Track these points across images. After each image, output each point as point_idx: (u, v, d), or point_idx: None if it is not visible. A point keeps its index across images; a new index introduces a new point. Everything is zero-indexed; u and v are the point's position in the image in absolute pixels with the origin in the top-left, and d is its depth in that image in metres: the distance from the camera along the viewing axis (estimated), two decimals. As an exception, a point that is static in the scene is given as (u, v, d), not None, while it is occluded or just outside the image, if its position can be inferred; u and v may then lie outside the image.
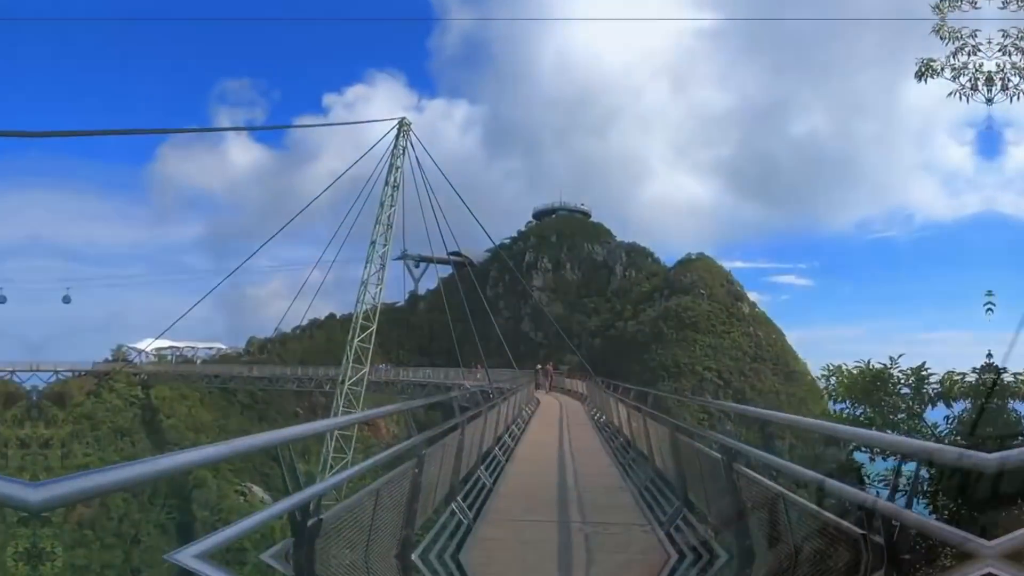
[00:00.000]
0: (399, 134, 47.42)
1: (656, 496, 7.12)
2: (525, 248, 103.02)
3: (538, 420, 17.48)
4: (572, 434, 13.93)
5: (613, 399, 12.57)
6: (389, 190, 47.28)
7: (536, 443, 12.32)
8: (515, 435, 13.25)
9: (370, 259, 46.96)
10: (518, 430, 14.06)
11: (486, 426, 8.85)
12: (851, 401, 6.56)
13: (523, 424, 15.61)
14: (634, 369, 76.63)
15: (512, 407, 14.05)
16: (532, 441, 12.74)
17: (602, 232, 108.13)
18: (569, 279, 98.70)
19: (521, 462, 9.93)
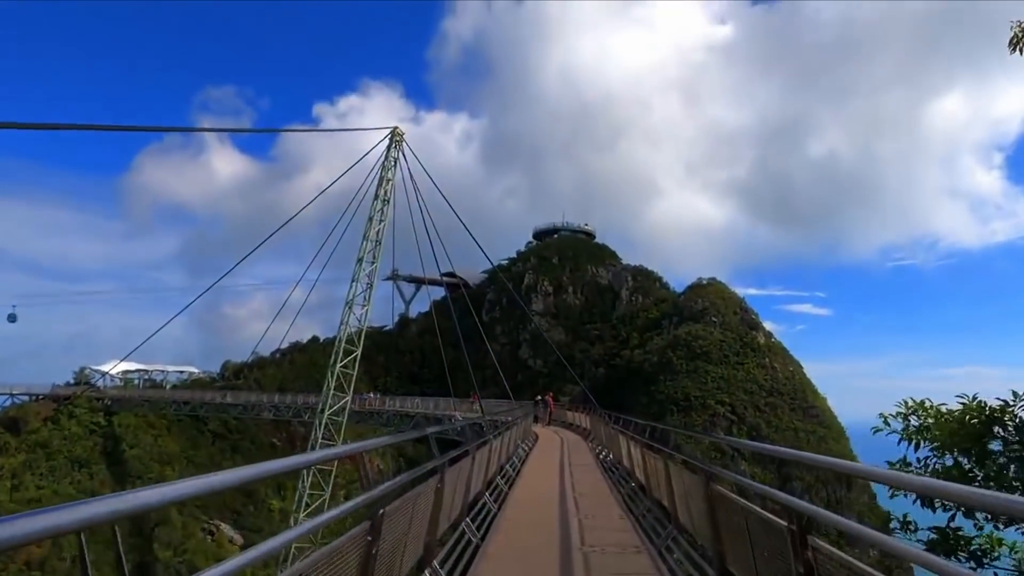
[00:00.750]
0: (391, 144, 46.89)
1: (682, 562, 6.10)
2: (524, 270, 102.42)
3: (536, 458, 16.37)
4: (575, 476, 12.85)
5: (624, 436, 11.54)
6: (379, 204, 46.56)
7: (534, 487, 11.24)
8: (509, 476, 12.19)
9: (356, 278, 46.00)
10: (513, 470, 12.99)
11: (474, 467, 7.85)
12: (950, 449, 5.43)
13: (519, 463, 14.54)
14: (640, 401, 75.34)
15: (507, 443, 13.00)
16: (529, 484, 11.66)
17: (607, 254, 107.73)
18: (571, 303, 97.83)
19: (516, 511, 8.87)
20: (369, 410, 54.48)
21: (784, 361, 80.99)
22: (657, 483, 8.13)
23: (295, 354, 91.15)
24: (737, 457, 69.39)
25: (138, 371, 75.38)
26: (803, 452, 3.49)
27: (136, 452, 65.01)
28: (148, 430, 68.00)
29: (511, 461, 13.74)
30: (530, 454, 17.24)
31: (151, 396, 67.38)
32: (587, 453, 18.33)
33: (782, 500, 3.51)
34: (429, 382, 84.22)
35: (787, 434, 73.46)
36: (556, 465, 14.57)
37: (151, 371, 77.41)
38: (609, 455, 16.52)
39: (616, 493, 10.83)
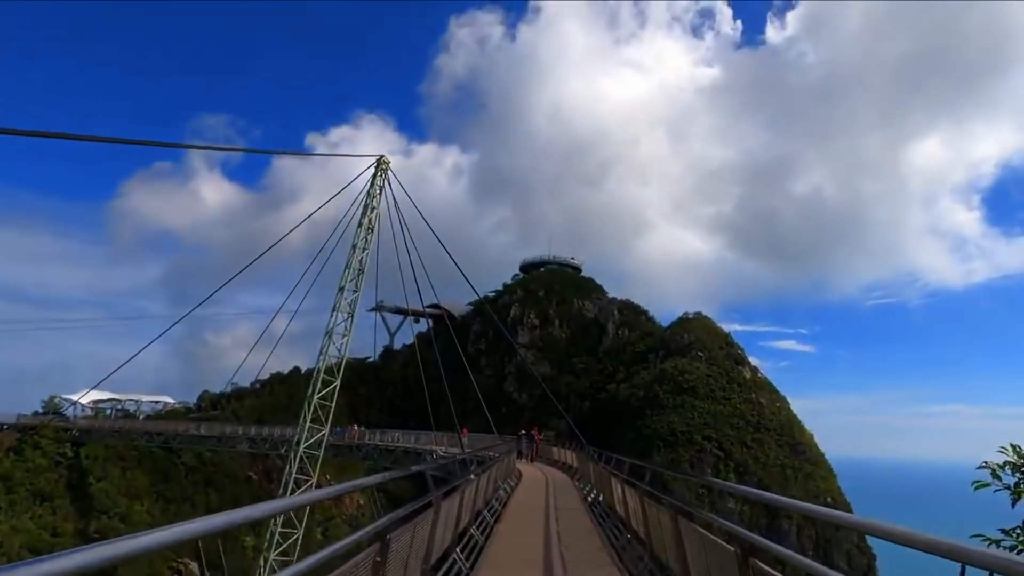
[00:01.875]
0: (376, 172, 45.84)
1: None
2: (511, 302, 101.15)
3: (519, 501, 14.78)
4: (562, 523, 11.32)
5: (617, 481, 10.09)
6: (362, 232, 45.22)
7: (515, 538, 9.71)
8: (487, 524, 10.65)
9: (337, 307, 44.32)
10: (492, 515, 11.44)
11: (439, 522, 6.40)
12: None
13: (499, 506, 12.98)
14: (627, 436, 73.50)
15: (485, 487, 11.48)
16: (509, 534, 10.13)
17: (593, 287, 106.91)
18: (557, 336, 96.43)
19: (491, 573, 7.37)
20: (348, 444, 52.16)
21: (771, 396, 79.83)
22: (661, 542, 6.71)
23: (275, 385, 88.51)
24: (725, 495, 67.60)
25: (110, 400, 72.28)
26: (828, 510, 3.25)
27: (103, 485, 61.77)
28: (117, 462, 64.82)
29: (490, 505, 12.19)
30: (512, 496, 15.64)
31: (122, 427, 64.33)
32: (574, 495, 16.73)
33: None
34: (412, 415, 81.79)
35: (774, 471, 71.82)
36: (540, 510, 13.00)
37: (124, 401, 74.32)
38: (599, 496, 14.98)
39: (610, 548, 9.37)
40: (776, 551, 3.44)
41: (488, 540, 9.24)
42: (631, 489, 8.71)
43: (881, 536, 2.49)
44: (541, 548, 8.72)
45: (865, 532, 2.75)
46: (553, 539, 9.44)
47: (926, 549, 2.16)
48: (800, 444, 75.05)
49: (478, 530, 9.53)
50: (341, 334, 44.41)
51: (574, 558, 8.25)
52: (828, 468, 76.41)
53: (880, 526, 2.51)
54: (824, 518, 3.14)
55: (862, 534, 3.66)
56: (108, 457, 64.14)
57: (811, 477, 72.67)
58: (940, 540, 2.09)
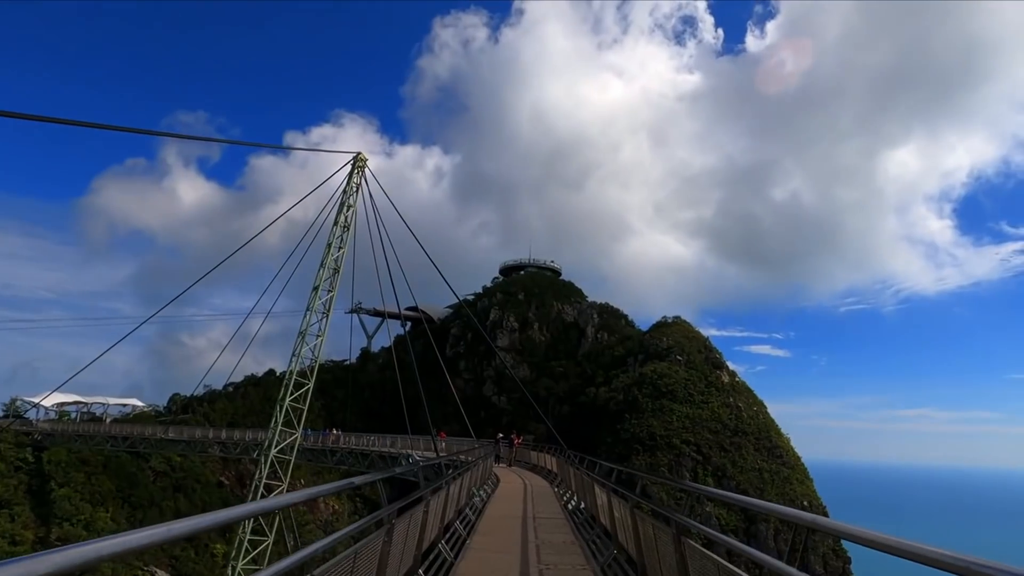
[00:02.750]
0: (353, 170, 44.48)
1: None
2: (490, 305, 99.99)
3: (495, 509, 13.68)
4: (541, 535, 10.27)
5: (603, 489, 9.09)
6: (338, 230, 43.81)
7: (489, 554, 8.63)
8: (459, 536, 9.57)
9: (311, 307, 42.81)
10: (464, 527, 10.35)
11: (393, 544, 5.33)
12: None
13: (473, 516, 11.89)
14: (606, 440, 72.72)
15: (457, 495, 10.40)
16: (483, 547, 9.05)
17: (572, 291, 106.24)
18: (536, 340, 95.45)
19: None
20: (322, 448, 50.55)
21: (748, 400, 79.64)
22: (657, 565, 5.70)
23: (249, 388, 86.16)
24: (703, 499, 67.04)
25: (75, 403, 69.52)
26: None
27: (65, 491, 59.14)
28: (81, 467, 62.23)
29: (463, 515, 11.10)
30: (488, 503, 14.54)
31: (87, 431, 61.77)
32: (554, 502, 15.67)
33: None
34: (390, 418, 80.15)
35: (752, 475, 71.54)
36: (518, 520, 11.92)
37: (90, 403, 71.55)
38: (581, 504, 13.96)
39: (595, 564, 8.36)
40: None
41: (459, 557, 8.16)
42: (619, 499, 7.71)
43: (866, 544, 2.42)
44: (518, 566, 7.67)
45: (854, 541, 2.61)
46: (532, 557, 8.38)
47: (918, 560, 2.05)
48: (777, 448, 74.91)
49: (447, 544, 8.44)
50: (315, 335, 42.92)
51: (551, 565, 7.26)
52: (804, 472, 76.37)
53: (865, 534, 2.44)
54: (811, 526, 3.16)
55: (838, 537, 3.49)
56: (71, 462, 61.55)
57: (788, 481, 72.51)
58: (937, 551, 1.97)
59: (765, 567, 3.32)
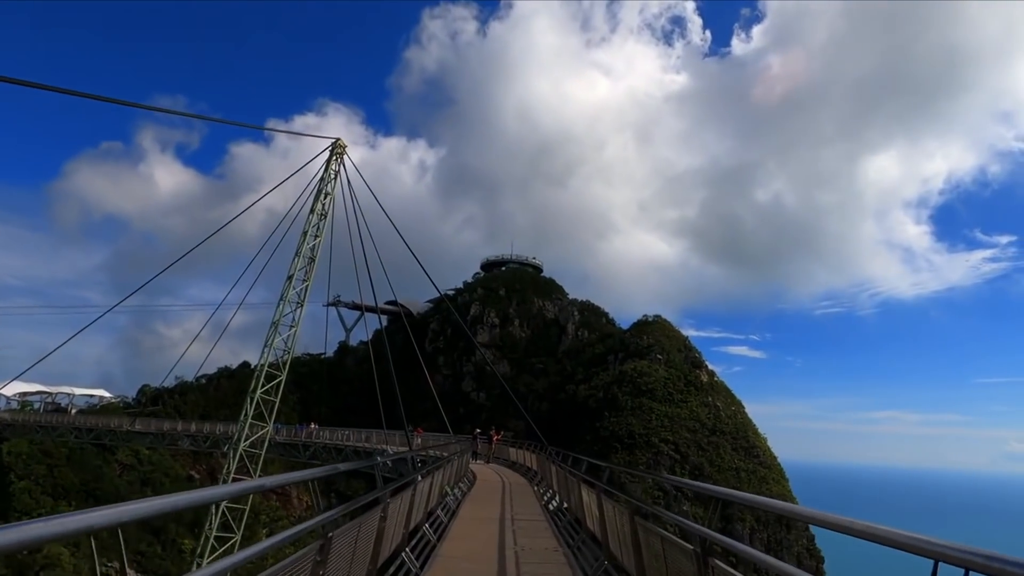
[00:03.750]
0: (331, 156, 42.97)
1: None
2: (471, 300, 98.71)
3: (469, 510, 12.56)
4: (520, 540, 9.19)
5: (592, 492, 7.98)
6: (314, 218, 42.30)
7: (460, 564, 7.51)
8: (427, 543, 8.45)
9: (284, 296, 41.22)
10: (434, 531, 9.22)
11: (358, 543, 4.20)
12: None
13: (446, 517, 10.77)
14: (584, 438, 71.91)
15: (430, 493, 9.28)
16: (454, 555, 7.94)
17: (554, 288, 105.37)
18: (517, 336, 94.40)
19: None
20: (295, 442, 49.00)
21: (727, 400, 79.47)
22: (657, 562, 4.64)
23: (222, 380, 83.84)
24: (680, 497, 66.69)
25: (38, 393, 66.81)
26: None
27: (25, 484, 56.81)
28: (43, 459, 59.82)
29: (434, 517, 9.96)
30: (463, 502, 13.42)
31: (49, 421, 59.33)
32: (534, 502, 14.59)
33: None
34: (367, 413, 78.57)
35: (729, 474, 71.31)
36: (495, 521, 10.82)
37: (55, 393, 68.84)
38: (564, 504, 12.90)
39: (576, 566, 7.31)
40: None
41: (426, 567, 7.03)
42: (612, 503, 6.64)
43: (853, 534, 2.41)
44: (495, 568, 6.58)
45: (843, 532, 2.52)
46: (510, 567, 7.28)
47: (897, 546, 2.09)
48: (754, 448, 74.81)
49: (413, 553, 7.30)
50: (289, 326, 41.37)
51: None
52: (780, 471, 76.41)
53: (852, 524, 2.46)
54: (787, 513, 3.16)
55: (811, 537, 3.28)
56: (33, 454, 59.14)
57: (764, 480, 72.41)
58: (914, 536, 2.03)
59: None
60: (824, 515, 2.76)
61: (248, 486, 3.61)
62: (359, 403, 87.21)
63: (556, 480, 13.88)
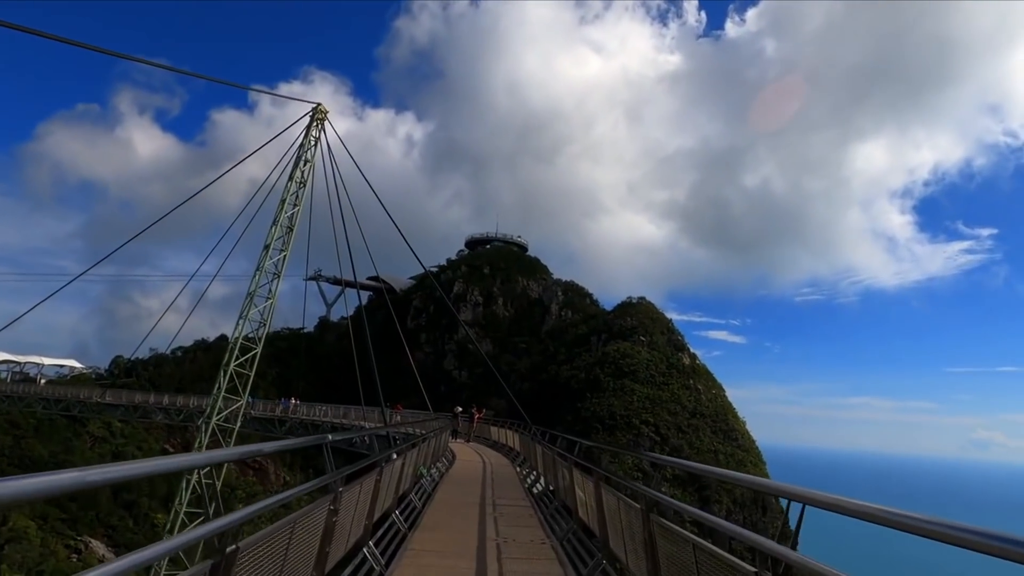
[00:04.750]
0: (312, 123, 41.09)
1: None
2: (454, 278, 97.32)
3: (446, 493, 11.51)
4: (502, 529, 8.13)
5: (588, 479, 6.89)
6: (293, 186, 40.52)
7: (434, 560, 6.41)
8: (398, 532, 7.35)
9: (261, 266, 39.57)
10: (405, 520, 8.13)
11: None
12: None
13: (420, 502, 9.70)
14: (566, 418, 71.40)
15: (401, 475, 8.16)
16: (427, 548, 6.85)
17: (538, 268, 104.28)
18: (500, 315, 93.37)
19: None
20: (271, 417, 47.71)
21: (707, 384, 79.39)
22: None
23: (199, 352, 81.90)
24: (659, 478, 66.66)
25: (5, 362, 64.52)
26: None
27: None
28: (10, 430, 57.92)
29: (406, 502, 8.86)
30: (440, 484, 12.34)
31: (15, 391, 57.25)
32: (516, 484, 13.57)
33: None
34: (347, 389, 77.32)
35: (708, 456, 71.40)
36: (475, 506, 9.75)
37: (23, 363, 66.55)
38: (549, 487, 11.89)
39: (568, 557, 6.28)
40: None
41: (393, 564, 5.91)
42: (616, 496, 5.54)
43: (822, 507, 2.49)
44: (474, 549, 5.50)
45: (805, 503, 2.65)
46: (491, 563, 6.20)
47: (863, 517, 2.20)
48: (734, 431, 75.00)
49: (378, 547, 6.18)
50: (265, 297, 39.78)
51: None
52: (758, 455, 76.78)
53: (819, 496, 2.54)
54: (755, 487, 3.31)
55: (786, 520, 2.46)
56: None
57: (743, 463, 72.64)
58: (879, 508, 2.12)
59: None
60: (796, 489, 2.71)
61: (202, 458, 3.16)
62: (339, 379, 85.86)
63: (541, 462, 12.85)
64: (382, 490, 6.47)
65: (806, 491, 2.60)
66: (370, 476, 5.78)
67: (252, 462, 78.42)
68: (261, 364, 41.89)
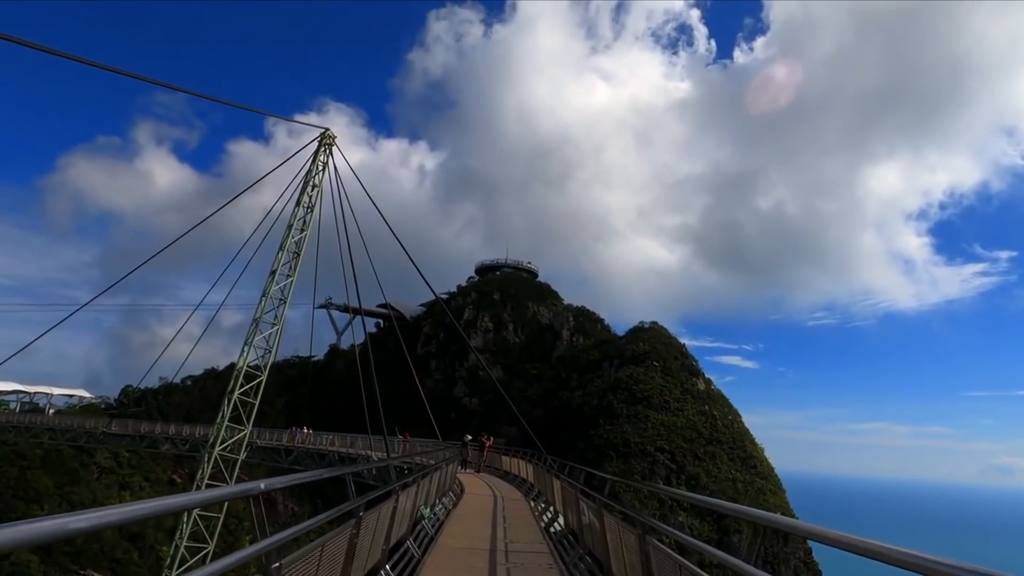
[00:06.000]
0: (319, 148, 40.40)
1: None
2: (464, 304, 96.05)
3: (454, 534, 9.98)
4: (514, 563, 6.64)
5: (631, 533, 5.40)
6: (300, 211, 39.66)
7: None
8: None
9: (267, 292, 38.47)
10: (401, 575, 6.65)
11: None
12: None
13: (420, 548, 8.22)
14: (578, 446, 69.19)
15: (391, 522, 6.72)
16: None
17: (548, 293, 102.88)
18: (511, 341, 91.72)
19: None
20: (276, 446, 46.17)
21: (723, 409, 76.97)
22: None
23: (208, 381, 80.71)
24: (676, 508, 64.01)
25: (15, 392, 63.55)
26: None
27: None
28: (16, 461, 56.61)
29: (402, 550, 7.38)
30: (446, 523, 10.81)
31: (22, 422, 56.11)
32: (532, 523, 11.99)
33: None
34: (355, 417, 75.69)
35: (726, 484, 68.72)
36: (484, 553, 8.21)
37: (32, 393, 65.56)
38: (570, 530, 10.32)
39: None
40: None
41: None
42: (672, 559, 4.08)
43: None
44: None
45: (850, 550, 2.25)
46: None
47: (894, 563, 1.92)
48: (752, 458, 72.28)
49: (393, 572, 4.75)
50: (271, 323, 38.60)
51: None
52: (777, 482, 73.89)
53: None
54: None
55: (808, 550, 2.59)
56: (4, 455, 55.92)
57: (762, 491, 69.87)
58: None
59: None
60: (821, 529, 2.48)
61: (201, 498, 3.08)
62: (348, 407, 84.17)
63: (560, 498, 11.31)
64: (368, 541, 5.05)
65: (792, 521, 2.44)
66: (387, 503, 5.91)
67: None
68: (271, 393, 40.54)
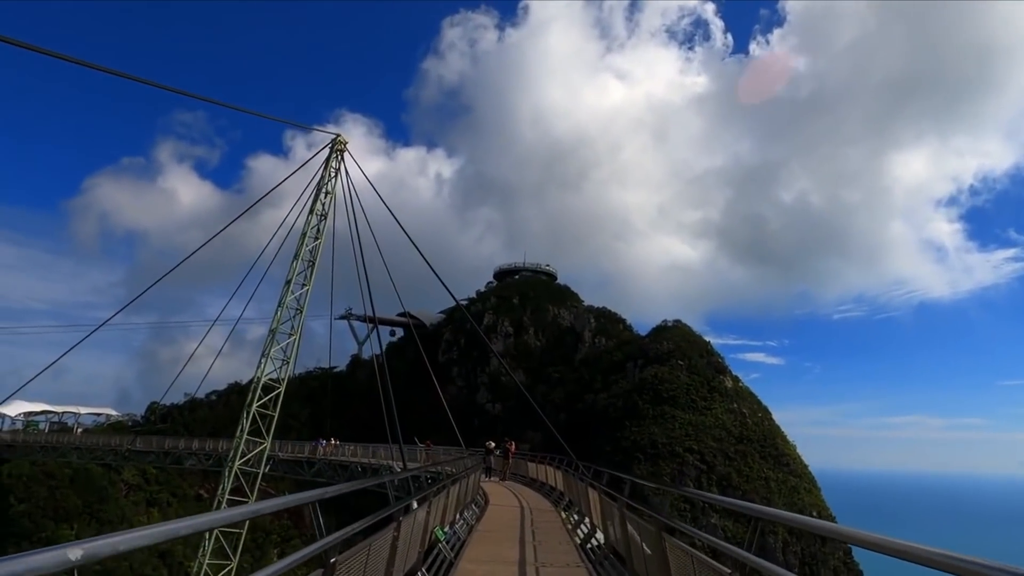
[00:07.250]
0: (331, 154, 39.51)
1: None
2: (484, 310, 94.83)
3: (476, 555, 8.63)
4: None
5: (693, 563, 4.08)
6: (314, 219, 38.75)
7: None
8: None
9: (283, 303, 37.60)
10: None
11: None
12: None
13: (439, 572, 6.86)
14: (604, 449, 67.34)
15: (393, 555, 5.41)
16: None
17: (568, 295, 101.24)
18: (532, 345, 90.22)
19: None
20: (299, 459, 45.27)
21: (752, 407, 74.56)
22: None
23: (232, 396, 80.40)
24: (708, 510, 61.82)
25: (44, 412, 63.68)
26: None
27: (26, 507, 53.48)
28: (45, 481, 56.51)
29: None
30: (465, 545, 9.45)
31: (51, 442, 56.04)
32: (565, 539, 10.54)
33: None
34: (378, 427, 74.75)
35: (758, 484, 66.34)
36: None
37: (61, 413, 65.69)
38: (613, 548, 8.88)
39: None
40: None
41: None
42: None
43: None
44: None
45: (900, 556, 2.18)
46: None
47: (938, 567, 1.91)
48: (784, 456, 69.79)
49: None
50: (288, 333, 37.69)
51: None
52: (811, 480, 71.23)
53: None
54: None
55: (848, 550, 2.18)
56: (34, 475, 55.85)
57: (796, 490, 67.35)
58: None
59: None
60: (864, 534, 2.45)
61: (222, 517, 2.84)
62: (371, 417, 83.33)
63: (598, 511, 9.88)
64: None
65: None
66: (421, 509, 5.78)
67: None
68: (294, 405, 39.74)
